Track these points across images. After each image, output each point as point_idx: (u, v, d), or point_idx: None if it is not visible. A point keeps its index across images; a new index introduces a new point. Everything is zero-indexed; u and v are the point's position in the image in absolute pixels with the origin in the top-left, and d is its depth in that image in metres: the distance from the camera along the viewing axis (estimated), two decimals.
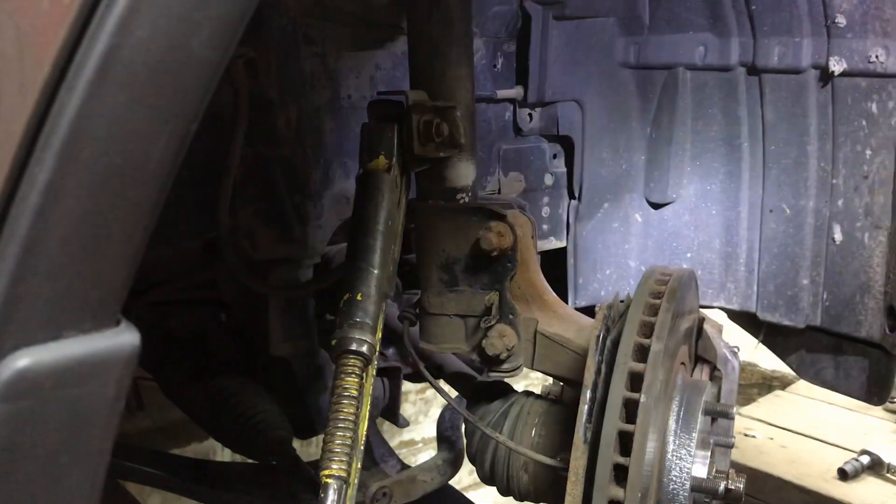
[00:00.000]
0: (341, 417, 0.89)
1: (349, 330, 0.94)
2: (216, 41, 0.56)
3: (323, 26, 1.38)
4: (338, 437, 0.88)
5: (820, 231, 1.66)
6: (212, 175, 1.26)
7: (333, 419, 0.89)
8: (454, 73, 1.10)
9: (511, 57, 1.65)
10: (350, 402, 0.90)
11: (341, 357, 0.93)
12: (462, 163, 1.12)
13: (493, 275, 1.14)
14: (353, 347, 0.93)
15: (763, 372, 3.98)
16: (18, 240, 0.55)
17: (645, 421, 0.99)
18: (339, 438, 0.88)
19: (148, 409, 1.62)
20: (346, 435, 0.88)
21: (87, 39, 0.52)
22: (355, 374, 0.91)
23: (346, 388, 0.90)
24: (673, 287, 1.11)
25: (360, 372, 0.92)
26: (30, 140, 0.54)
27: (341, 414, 0.89)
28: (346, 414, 0.89)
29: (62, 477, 0.63)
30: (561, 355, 1.17)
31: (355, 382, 0.91)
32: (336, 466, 0.87)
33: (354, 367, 0.92)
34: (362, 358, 0.93)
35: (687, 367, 1.22)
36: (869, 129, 1.54)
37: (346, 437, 0.88)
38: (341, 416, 0.89)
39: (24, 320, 0.57)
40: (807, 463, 2.90)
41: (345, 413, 0.89)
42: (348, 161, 1.41)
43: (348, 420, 0.89)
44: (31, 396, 0.58)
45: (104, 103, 0.54)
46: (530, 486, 1.19)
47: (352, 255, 1.00)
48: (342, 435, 0.88)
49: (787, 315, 1.72)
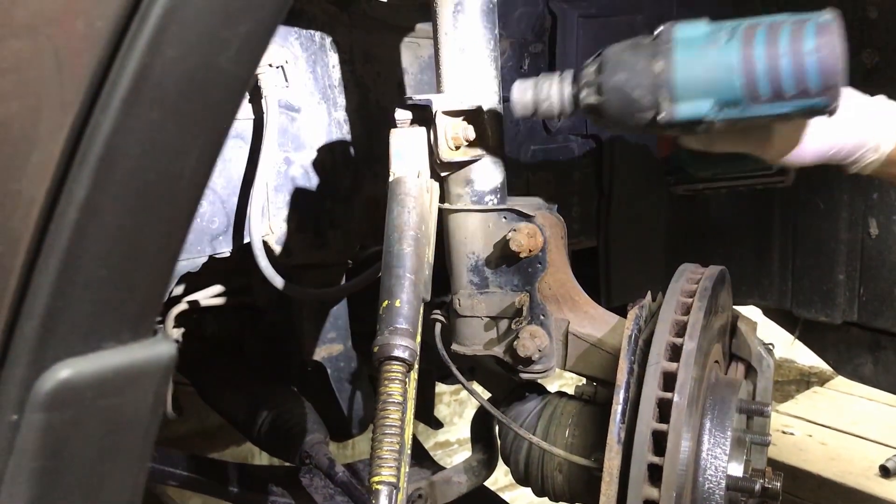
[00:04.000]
0: (388, 423, 0.90)
1: (390, 336, 0.95)
2: (243, 57, 0.57)
3: (350, 33, 1.39)
4: (386, 444, 0.89)
5: (855, 225, 1.63)
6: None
7: (381, 425, 0.90)
8: (480, 76, 1.10)
9: (537, 58, 1.65)
10: (396, 408, 0.91)
11: (384, 364, 0.94)
12: (490, 165, 1.12)
13: (523, 276, 1.14)
14: (396, 354, 0.94)
15: (801, 368, 3.93)
16: (58, 254, 0.56)
17: (678, 420, 0.98)
18: (387, 444, 0.89)
19: (186, 414, 1.65)
20: (394, 441, 0.89)
21: (120, 59, 0.54)
22: (399, 380, 0.92)
23: (390, 394, 0.91)
24: (705, 285, 1.10)
25: (403, 378, 0.93)
26: (67, 157, 0.55)
27: (388, 420, 0.90)
28: (392, 420, 0.90)
29: (104, 483, 0.65)
30: (593, 356, 1.17)
31: (400, 388, 0.92)
32: (386, 472, 0.88)
33: (398, 372, 0.93)
34: (405, 364, 0.94)
35: (721, 366, 1.21)
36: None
37: (393, 442, 0.89)
38: (388, 423, 0.90)
39: (65, 333, 0.58)
40: (847, 460, 2.86)
41: (391, 419, 0.90)
42: (377, 166, 1.42)
43: (395, 426, 0.90)
44: (73, 406, 0.60)
45: (137, 121, 0.55)
46: (565, 486, 1.19)
47: (387, 263, 1.01)
48: (390, 441, 0.89)
49: (823, 311, 1.70)
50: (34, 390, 0.58)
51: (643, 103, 0.94)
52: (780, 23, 0.91)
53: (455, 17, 1.09)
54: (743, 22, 0.92)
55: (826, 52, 0.88)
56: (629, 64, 0.94)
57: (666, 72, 0.92)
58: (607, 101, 0.96)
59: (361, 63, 1.41)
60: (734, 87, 0.91)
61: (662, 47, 0.93)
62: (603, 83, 0.96)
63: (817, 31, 0.89)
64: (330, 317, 1.53)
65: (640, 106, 0.94)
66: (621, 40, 0.99)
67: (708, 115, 0.92)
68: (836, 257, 1.66)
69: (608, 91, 0.95)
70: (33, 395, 0.58)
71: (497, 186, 1.14)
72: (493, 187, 1.13)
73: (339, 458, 1.52)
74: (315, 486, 1.53)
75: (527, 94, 1.02)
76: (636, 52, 0.94)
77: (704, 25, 0.94)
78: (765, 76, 0.90)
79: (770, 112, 0.92)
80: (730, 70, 0.91)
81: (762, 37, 0.90)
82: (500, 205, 1.13)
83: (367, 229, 1.45)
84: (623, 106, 0.95)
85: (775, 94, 0.90)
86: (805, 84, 0.89)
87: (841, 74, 0.89)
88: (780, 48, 0.89)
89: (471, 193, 1.13)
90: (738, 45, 0.91)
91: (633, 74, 0.94)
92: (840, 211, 1.65)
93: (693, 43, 0.92)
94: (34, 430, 0.58)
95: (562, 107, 1.01)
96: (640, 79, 0.93)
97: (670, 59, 0.92)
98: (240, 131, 1.29)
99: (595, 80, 0.96)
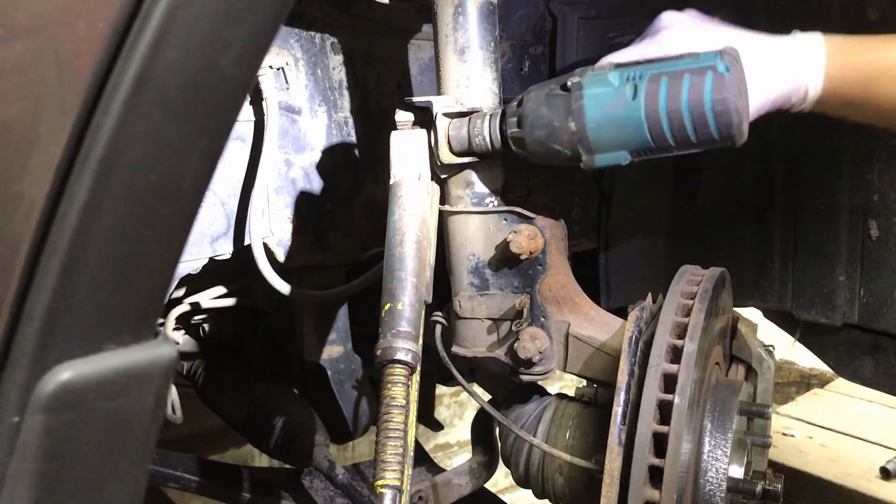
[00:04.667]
0: (392, 427, 0.90)
1: (393, 340, 0.95)
2: (244, 59, 0.57)
3: (350, 35, 1.39)
4: (390, 447, 0.89)
5: (855, 226, 1.63)
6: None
7: (384, 429, 0.90)
8: (481, 78, 1.11)
9: (538, 60, 1.65)
10: (399, 411, 0.91)
11: (387, 367, 0.94)
12: (490, 167, 1.13)
13: (523, 278, 1.14)
14: (399, 357, 0.94)
15: (801, 370, 3.92)
16: (60, 256, 0.56)
17: (679, 422, 0.98)
18: (391, 448, 0.89)
19: (186, 416, 1.65)
20: (398, 444, 0.89)
21: (122, 61, 0.54)
22: (402, 384, 0.92)
23: (393, 397, 0.91)
24: (706, 287, 1.10)
25: (406, 381, 0.93)
26: (69, 159, 0.55)
27: (391, 423, 0.90)
28: (396, 423, 0.90)
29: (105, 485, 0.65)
30: (593, 357, 1.17)
31: (402, 391, 0.92)
32: (390, 476, 0.88)
33: (400, 376, 0.93)
34: (408, 367, 0.94)
35: (722, 368, 1.21)
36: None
37: (398, 446, 0.89)
38: (392, 426, 0.90)
39: (67, 334, 0.58)
40: (848, 462, 2.86)
41: (395, 423, 0.90)
42: (378, 167, 1.42)
43: (398, 430, 0.90)
44: (74, 408, 0.60)
45: (138, 122, 0.55)
46: (565, 488, 1.19)
47: (389, 265, 1.01)
48: (394, 444, 0.89)
49: (824, 313, 1.69)
50: (35, 392, 0.58)
51: (564, 155, 1.01)
52: (681, 72, 0.95)
53: (455, 19, 1.09)
54: (647, 70, 0.97)
55: (722, 107, 0.94)
56: (546, 120, 1.00)
57: (580, 131, 0.98)
58: (532, 153, 1.03)
59: (362, 65, 1.41)
60: (645, 140, 0.98)
61: (575, 105, 0.98)
62: (525, 138, 1.02)
63: (714, 87, 0.94)
64: (330, 319, 1.53)
65: (563, 156, 1.01)
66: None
67: (625, 162, 1.00)
68: (837, 259, 1.66)
69: (531, 144, 1.02)
70: (35, 397, 0.58)
71: (497, 188, 1.14)
72: (493, 189, 1.13)
73: (340, 460, 1.53)
74: (315, 488, 1.53)
75: (462, 129, 1.07)
76: (551, 108, 1.00)
77: (612, 76, 0.98)
78: (669, 131, 0.96)
79: (682, 151, 0.99)
80: (639, 126, 0.97)
81: (664, 91, 0.95)
82: (500, 206, 1.13)
83: (367, 231, 1.45)
84: (548, 156, 1.02)
85: (683, 142, 0.97)
86: (708, 134, 0.96)
87: (739, 125, 0.95)
88: (682, 104, 0.95)
89: (471, 195, 1.13)
90: (643, 101, 0.96)
91: (552, 131, 1.00)
92: (840, 212, 1.65)
93: (602, 100, 0.97)
94: (35, 431, 0.58)
95: (493, 143, 1.06)
96: (558, 135, 1.00)
97: (582, 119, 0.98)
98: (240, 133, 1.29)
99: (519, 134, 1.03)
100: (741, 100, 0.95)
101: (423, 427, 1.80)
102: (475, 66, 1.10)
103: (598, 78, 0.99)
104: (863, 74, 1.09)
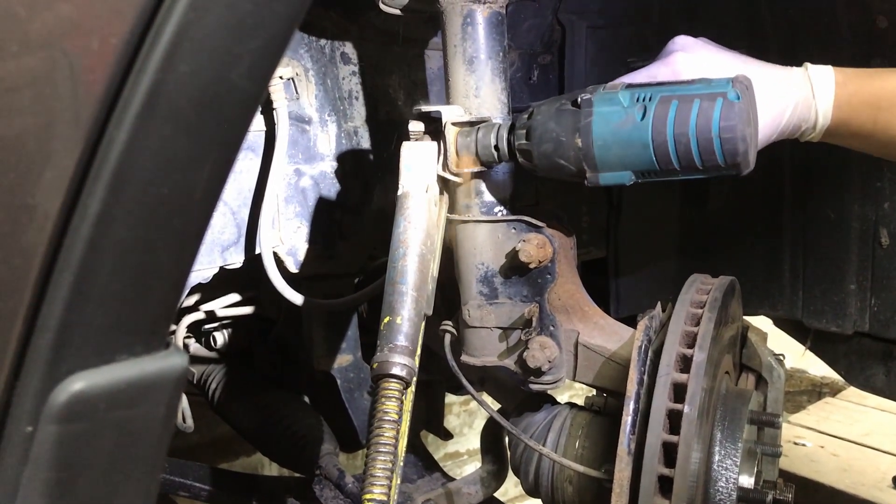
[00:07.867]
0: (382, 442, 0.90)
1: (389, 354, 0.95)
2: (255, 72, 0.58)
3: (360, 45, 1.40)
4: (379, 462, 0.89)
5: (866, 235, 1.63)
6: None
7: (374, 444, 0.90)
8: (489, 88, 1.11)
9: (547, 69, 1.65)
10: (391, 426, 0.91)
11: (381, 381, 0.95)
12: (499, 176, 1.13)
13: (532, 287, 1.14)
14: (394, 372, 0.94)
15: (812, 378, 3.90)
16: (72, 268, 0.57)
17: (689, 431, 0.98)
18: (380, 463, 0.89)
19: (197, 424, 1.65)
20: (388, 459, 0.90)
21: (134, 75, 0.55)
22: (395, 398, 0.93)
23: (386, 412, 0.92)
24: (715, 296, 1.10)
25: (399, 396, 0.93)
26: (82, 172, 0.56)
27: (382, 438, 0.91)
28: (387, 438, 0.91)
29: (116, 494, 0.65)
30: (603, 366, 1.17)
31: (395, 406, 0.93)
32: (378, 491, 0.89)
33: (394, 391, 0.94)
34: (402, 381, 0.94)
35: (732, 377, 1.21)
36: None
37: (387, 461, 0.90)
38: (382, 441, 0.90)
39: (79, 345, 0.59)
40: (859, 471, 2.84)
41: (386, 437, 0.91)
42: (387, 177, 1.42)
43: (389, 444, 0.90)
44: (86, 418, 0.60)
45: (151, 136, 0.56)
46: (575, 497, 1.19)
47: (391, 278, 1.01)
48: (383, 459, 0.90)
49: (834, 321, 1.69)
50: (49, 402, 0.58)
51: (570, 171, 1.01)
52: (691, 96, 0.96)
53: (464, 29, 1.09)
54: (658, 92, 0.97)
55: (729, 134, 0.94)
56: (554, 135, 1.01)
57: (586, 148, 0.99)
58: (538, 167, 1.04)
59: (371, 75, 1.42)
60: (650, 162, 0.98)
61: (583, 122, 0.99)
62: (532, 150, 1.03)
63: (722, 114, 0.93)
64: (339, 327, 1.53)
65: (568, 172, 1.02)
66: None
67: (629, 182, 1.01)
68: (847, 267, 1.66)
69: (538, 157, 1.03)
70: (48, 406, 0.59)
71: (506, 197, 1.14)
72: (501, 198, 1.14)
73: (349, 468, 1.53)
74: (325, 497, 1.53)
75: (470, 139, 1.08)
76: (560, 123, 1.01)
77: (622, 96, 0.99)
78: (675, 154, 0.96)
79: (686, 176, 0.99)
80: (645, 147, 0.97)
81: (672, 115, 0.95)
82: (508, 215, 1.14)
83: (376, 240, 1.45)
84: (553, 170, 1.03)
85: (688, 166, 0.97)
86: (713, 160, 0.96)
87: (744, 154, 0.95)
88: (689, 128, 0.95)
89: (480, 204, 1.13)
90: (650, 122, 0.96)
91: (558, 146, 1.01)
92: (851, 221, 1.64)
93: (610, 119, 0.98)
94: (48, 441, 0.59)
95: (501, 154, 1.07)
96: (564, 151, 1.00)
97: (589, 136, 0.98)
98: (251, 143, 1.30)
99: (526, 146, 1.04)
100: (749, 128, 0.95)
101: (432, 436, 1.80)
102: (484, 75, 1.10)
103: (608, 96, 0.99)
104: (871, 105, 1.11)
